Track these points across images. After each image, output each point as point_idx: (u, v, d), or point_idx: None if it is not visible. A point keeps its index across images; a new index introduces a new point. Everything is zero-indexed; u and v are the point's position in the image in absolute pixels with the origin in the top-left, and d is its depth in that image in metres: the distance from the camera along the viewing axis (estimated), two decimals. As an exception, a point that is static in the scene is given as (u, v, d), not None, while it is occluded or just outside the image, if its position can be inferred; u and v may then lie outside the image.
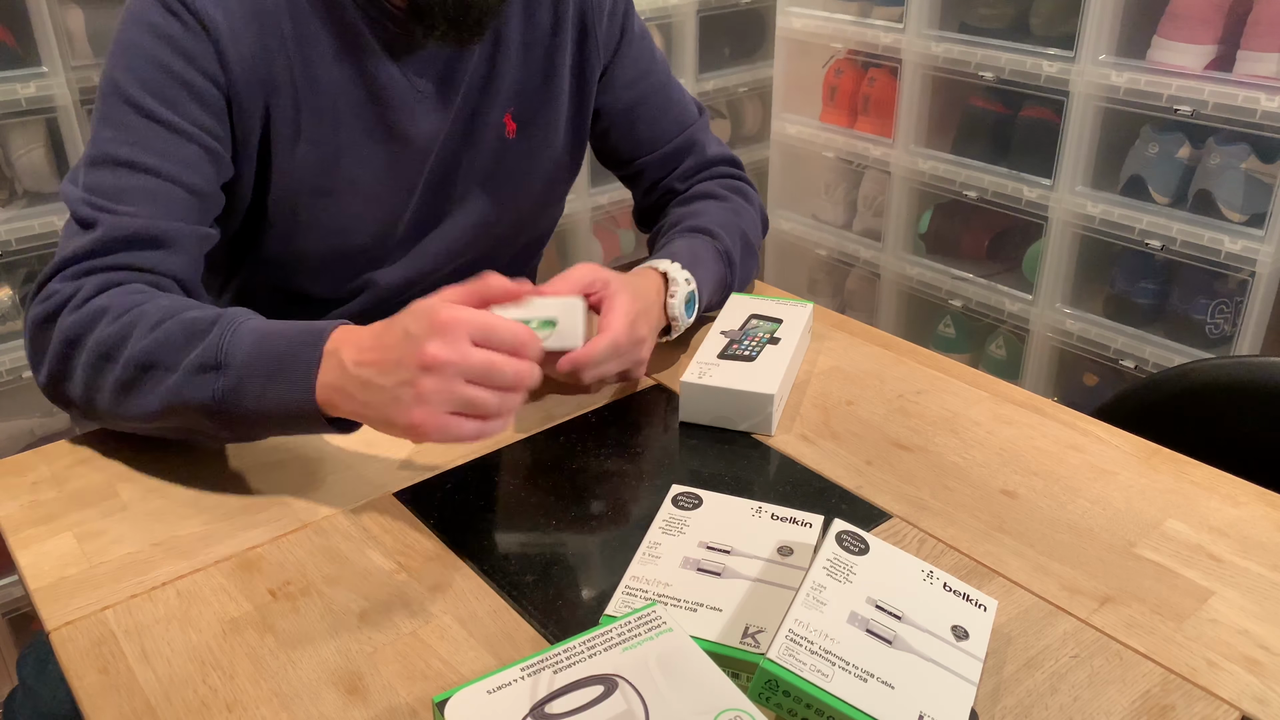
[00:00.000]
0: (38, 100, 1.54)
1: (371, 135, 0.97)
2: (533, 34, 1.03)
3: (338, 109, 0.95)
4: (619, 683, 0.56)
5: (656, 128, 1.13)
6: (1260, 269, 1.71)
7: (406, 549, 0.75)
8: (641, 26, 1.13)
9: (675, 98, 1.15)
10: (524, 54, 1.03)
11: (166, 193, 0.86)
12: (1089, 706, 0.62)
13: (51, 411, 1.71)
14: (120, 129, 0.86)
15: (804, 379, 0.97)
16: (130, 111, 0.86)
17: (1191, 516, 0.78)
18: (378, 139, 0.97)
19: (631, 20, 1.11)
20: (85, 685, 0.63)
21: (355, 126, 0.96)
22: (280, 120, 0.93)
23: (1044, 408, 0.92)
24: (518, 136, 1.05)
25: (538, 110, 1.06)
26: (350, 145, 0.96)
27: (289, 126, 0.93)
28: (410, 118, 0.98)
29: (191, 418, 0.77)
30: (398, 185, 1.00)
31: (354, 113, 0.96)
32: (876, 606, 0.61)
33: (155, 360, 0.77)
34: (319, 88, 0.94)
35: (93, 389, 0.80)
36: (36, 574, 0.73)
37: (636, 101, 1.12)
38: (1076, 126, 1.88)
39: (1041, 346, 2.07)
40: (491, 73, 1.02)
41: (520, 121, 1.05)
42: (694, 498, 0.74)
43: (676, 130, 1.14)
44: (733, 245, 1.05)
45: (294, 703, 0.62)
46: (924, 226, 2.24)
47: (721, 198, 1.12)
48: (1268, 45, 1.66)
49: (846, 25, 2.23)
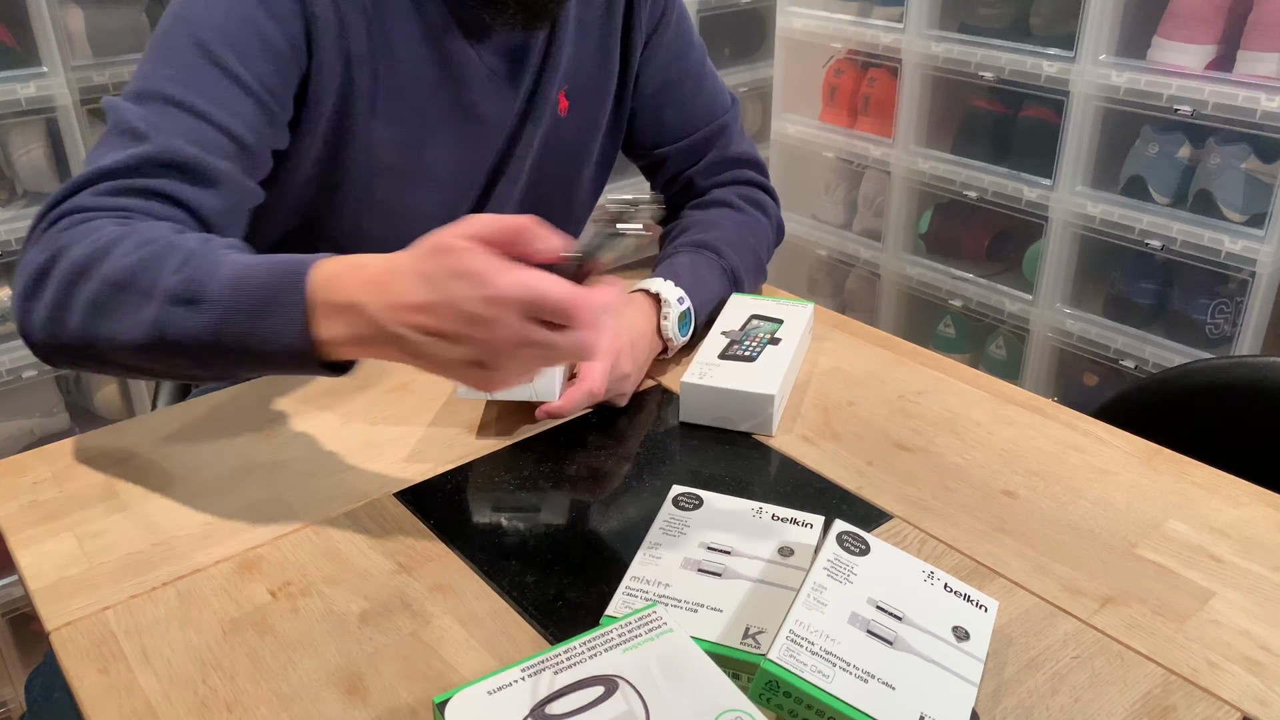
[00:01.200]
0: (38, 100, 1.53)
1: (449, 117, 0.97)
2: (588, 13, 1.03)
3: (417, 88, 0.94)
4: (619, 683, 0.56)
5: (684, 115, 1.11)
6: (1260, 269, 1.71)
7: (406, 549, 0.75)
8: (683, 9, 1.11)
9: (708, 86, 1.12)
10: (579, 33, 1.03)
11: (214, 139, 0.82)
12: (1090, 707, 0.62)
13: (51, 411, 1.71)
14: (180, 68, 0.82)
15: (804, 379, 0.96)
16: (196, 54, 0.82)
17: (1192, 517, 0.78)
18: (455, 121, 0.97)
19: (674, 2, 1.09)
20: (85, 685, 0.63)
21: (433, 107, 0.95)
22: (359, 94, 0.91)
23: (1044, 408, 0.92)
24: (569, 115, 1.05)
25: (589, 90, 1.06)
26: (429, 127, 0.96)
27: (367, 101, 0.91)
28: (485, 99, 0.98)
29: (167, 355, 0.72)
30: (470, 169, 1.00)
31: (432, 92, 0.95)
32: (877, 607, 0.61)
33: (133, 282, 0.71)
34: (398, 65, 0.92)
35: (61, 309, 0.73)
36: (36, 574, 0.73)
37: (667, 86, 1.10)
38: (1076, 126, 1.88)
39: (1041, 346, 2.07)
40: (550, 50, 1.01)
41: (572, 100, 1.05)
42: (694, 498, 0.74)
43: (705, 120, 1.12)
44: (739, 262, 1.05)
45: (294, 703, 0.62)
46: (924, 226, 2.24)
47: (738, 209, 1.10)
48: (1268, 45, 1.66)
49: (846, 25, 2.23)
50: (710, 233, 1.05)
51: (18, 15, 1.50)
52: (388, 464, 0.84)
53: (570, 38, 1.02)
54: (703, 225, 1.07)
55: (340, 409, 0.92)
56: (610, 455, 0.86)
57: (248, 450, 0.86)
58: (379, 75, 0.92)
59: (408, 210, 0.98)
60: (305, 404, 0.93)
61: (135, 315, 0.71)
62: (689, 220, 1.09)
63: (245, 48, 0.83)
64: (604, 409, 0.92)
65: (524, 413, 0.91)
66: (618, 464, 0.85)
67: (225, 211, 0.83)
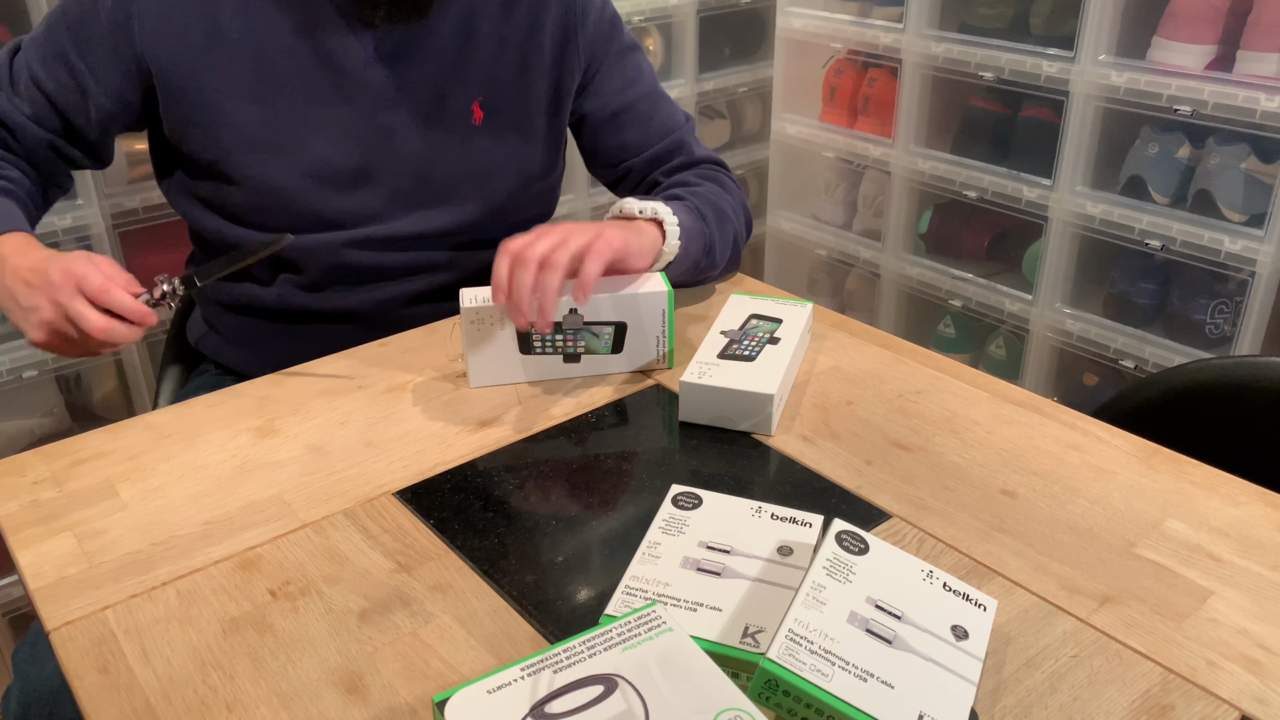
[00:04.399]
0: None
1: (320, 97, 1.04)
2: (508, 30, 1.09)
3: (286, 71, 1.02)
4: (619, 682, 0.56)
5: (644, 131, 1.17)
6: (1260, 269, 1.71)
7: (406, 549, 0.75)
8: (631, 40, 1.17)
9: (664, 105, 1.19)
10: (498, 47, 1.09)
11: (33, 96, 1.04)
12: (1089, 706, 0.62)
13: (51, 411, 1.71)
14: (41, 33, 1.05)
15: (804, 379, 0.97)
16: (48, 26, 1.04)
17: (1191, 516, 0.78)
18: (326, 101, 1.04)
19: (619, 33, 1.16)
20: (85, 685, 0.64)
21: (304, 88, 1.03)
22: (220, 78, 1.02)
23: (1044, 408, 0.92)
24: (485, 124, 1.10)
25: (508, 103, 1.11)
26: (299, 106, 1.03)
27: (230, 84, 1.02)
28: (360, 82, 1.05)
29: None
30: (351, 148, 1.05)
31: (302, 75, 1.03)
32: (876, 606, 0.61)
33: None
34: (266, 50, 1.02)
35: None
36: (36, 574, 0.73)
37: (624, 107, 1.16)
38: (1076, 126, 1.88)
39: (1041, 346, 2.07)
40: (462, 60, 1.08)
41: (488, 111, 1.10)
42: (694, 498, 0.74)
43: (663, 134, 1.17)
44: (704, 206, 1.08)
45: (294, 703, 0.62)
46: (924, 226, 2.24)
47: (696, 183, 1.15)
48: (1268, 45, 1.66)
49: (846, 25, 2.23)
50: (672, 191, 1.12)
51: (18, 15, 1.50)
52: (388, 464, 0.84)
53: (487, 53, 1.08)
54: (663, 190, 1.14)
55: (340, 409, 0.92)
56: (610, 455, 0.86)
57: (248, 450, 0.86)
58: (247, 60, 1.02)
59: (276, 185, 1.05)
60: (305, 404, 0.93)
61: None
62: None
63: (78, 31, 1.02)
64: (604, 409, 0.92)
65: (524, 411, 0.91)
66: (617, 463, 0.85)
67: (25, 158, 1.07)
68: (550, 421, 0.90)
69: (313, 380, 0.97)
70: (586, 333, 0.94)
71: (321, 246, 1.08)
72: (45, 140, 1.06)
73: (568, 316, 0.93)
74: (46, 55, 1.04)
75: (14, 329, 0.97)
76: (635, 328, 0.95)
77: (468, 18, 1.08)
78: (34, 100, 1.04)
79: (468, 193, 1.11)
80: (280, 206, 1.06)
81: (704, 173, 1.18)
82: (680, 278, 1.05)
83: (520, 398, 0.94)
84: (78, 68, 1.03)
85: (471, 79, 1.08)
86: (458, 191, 1.10)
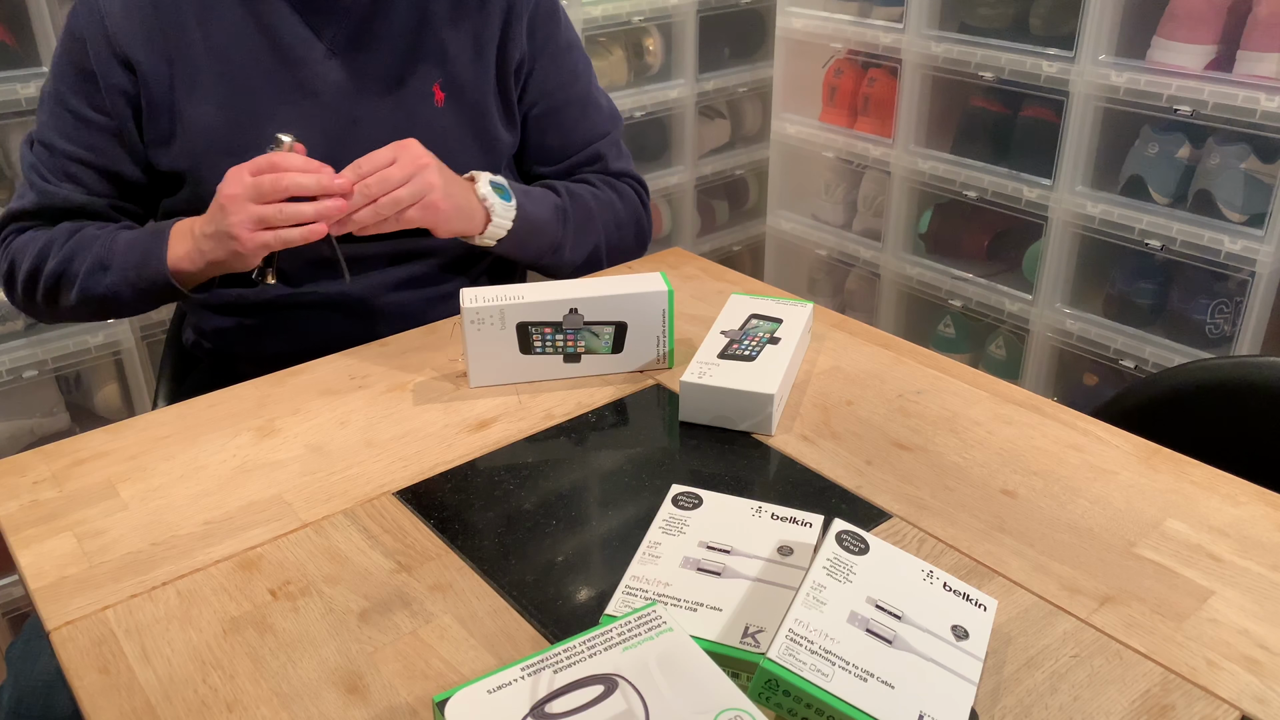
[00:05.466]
0: (37, 100, 1.53)
1: (281, 93, 1.05)
2: (460, 10, 1.11)
3: (245, 71, 1.04)
4: (619, 682, 0.56)
5: (565, 140, 1.19)
6: (1260, 269, 1.71)
7: (406, 549, 0.75)
8: (570, 38, 1.18)
9: (591, 113, 1.20)
10: (452, 27, 1.10)
11: (79, 172, 1.06)
12: (1089, 706, 0.62)
13: (51, 411, 1.71)
14: (45, 113, 1.06)
15: (804, 379, 0.97)
16: (51, 100, 1.06)
17: (1191, 516, 0.78)
18: (287, 97, 1.05)
19: (559, 27, 1.16)
20: (85, 685, 0.64)
21: (263, 87, 1.05)
22: (183, 84, 1.03)
23: (1044, 408, 0.92)
24: (447, 105, 1.11)
25: (467, 82, 1.12)
26: (259, 105, 1.04)
27: (192, 89, 1.03)
28: (318, 74, 1.06)
29: (99, 305, 1.06)
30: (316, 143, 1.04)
31: (261, 73, 1.04)
32: (876, 606, 0.61)
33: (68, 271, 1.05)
34: (223, 51, 1.03)
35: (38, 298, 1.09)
36: (36, 574, 0.73)
37: (552, 110, 1.17)
38: (1076, 126, 1.88)
39: (1041, 346, 2.07)
40: (417, 43, 1.09)
41: (449, 92, 1.11)
42: (694, 497, 0.74)
43: (583, 145, 1.19)
44: (571, 207, 1.12)
45: (294, 702, 0.62)
46: (924, 226, 2.24)
47: (592, 184, 1.18)
48: (1268, 45, 1.66)
49: (846, 25, 2.23)
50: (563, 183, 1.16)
51: (18, 15, 1.50)
52: (388, 464, 0.84)
53: (442, 35, 1.10)
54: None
55: (340, 409, 0.92)
56: (610, 454, 0.86)
57: (248, 450, 0.86)
58: (206, 63, 1.04)
59: None
60: (305, 404, 0.93)
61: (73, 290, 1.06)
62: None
63: (77, 85, 1.05)
64: (604, 409, 0.92)
65: (524, 411, 0.91)
66: (617, 463, 0.85)
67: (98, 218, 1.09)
68: (550, 421, 0.90)
69: (313, 380, 0.97)
70: (587, 332, 0.94)
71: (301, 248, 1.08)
72: (109, 206, 1.09)
73: (568, 316, 0.93)
74: (66, 129, 1.05)
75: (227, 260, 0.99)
76: (635, 327, 0.95)
77: (421, 2, 1.09)
78: (79, 177, 1.06)
79: None
80: None
81: (609, 180, 1.20)
82: (518, 258, 1.12)
83: (520, 398, 0.94)
84: (100, 120, 1.05)
85: (429, 62, 1.10)
86: None
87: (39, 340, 1.61)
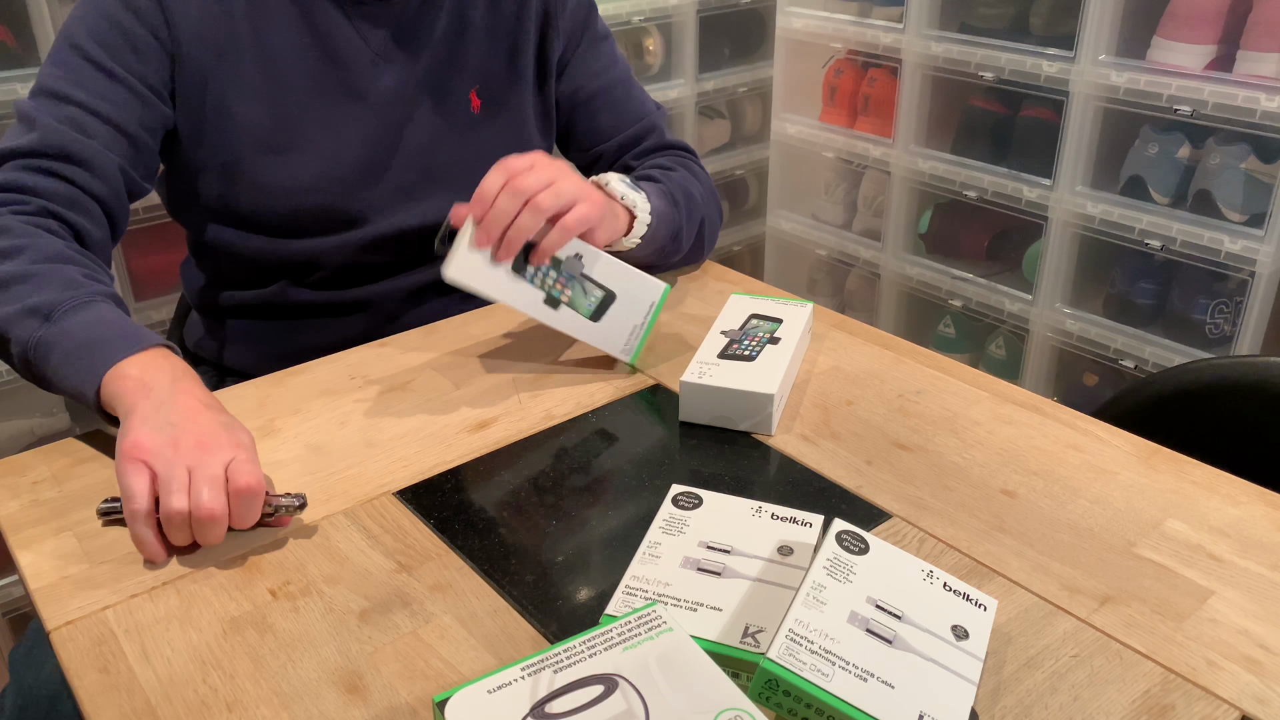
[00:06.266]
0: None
1: (328, 95, 1.04)
2: (497, 19, 1.11)
3: (293, 71, 1.02)
4: (619, 682, 0.56)
5: (618, 116, 1.19)
6: (1260, 269, 1.71)
7: (406, 549, 0.75)
8: (605, 29, 1.20)
9: (635, 93, 1.21)
10: (489, 37, 1.11)
11: (93, 125, 0.96)
12: (1089, 706, 0.62)
13: (51, 411, 1.71)
14: (60, 66, 0.97)
15: (804, 379, 0.97)
16: (73, 54, 0.98)
17: (1191, 516, 0.78)
18: (334, 99, 1.05)
19: (594, 20, 1.18)
20: (85, 685, 0.63)
21: (311, 87, 1.03)
22: (229, 80, 1.01)
23: (1044, 408, 0.92)
24: (483, 113, 1.12)
25: (503, 91, 1.13)
26: (306, 105, 1.03)
27: (238, 86, 1.01)
28: (367, 77, 1.06)
29: (4, 347, 0.85)
30: (359, 145, 1.05)
31: (309, 74, 1.03)
32: (876, 606, 0.61)
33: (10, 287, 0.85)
34: (272, 50, 1.02)
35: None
36: (36, 574, 0.73)
37: (599, 91, 1.18)
38: (1076, 126, 1.88)
39: (1041, 346, 2.07)
40: (457, 52, 1.10)
41: (485, 99, 1.12)
42: (694, 497, 0.74)
43: (636, 118, 1.20)
44: (677, 192, 1.10)
45: (294, 702, 0.62)
46: (924, 226, 2.24)
47: (670, 168, 1.17)
48: (1268, 45, 1.66)
49: (846, 25, 2.23)
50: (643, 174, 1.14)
51: (18, 15, 1.50)
52: (388, 464, 0.84)
53: (479, 43, 1.10)
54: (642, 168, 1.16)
55: (340, 409, 0.92)
56: (610, 454, 0.86)
57: (248, 450, 0.86)
58: (252, 59, 1.01)
59: (278, 184, 1.05)
60: (305, 404, 0.93)
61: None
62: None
63: (112, 42, 0.97)
64: (604, 409, 0.92)
65: (524, 411, 0.91)
66: (617, 463, 0.85)
67: (107, 191, 0.97)
68: (550, 421, 0.90)
69: (313, 380, 0.97)
70: (578, 284, 0.93)
71: (333, 246, 1.09)
72: (117, 166, 0.98)
73: (569, 260, 0.92)
74: (84, 79, 0.97)
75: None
76: (621, 306, 0.94)
77: (460, 9, 1.10)
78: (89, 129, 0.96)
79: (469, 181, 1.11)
80: (292, 208, 1.06)
81: (676, 158, 1.20)
82: (644, 259, 1.05)
83: (520, 397, 0.94)
84: (131, 80, 0.98)
85: (467, 69, 1.10)
86: (459, 181, 1.11)
87: (39, 340, 1.61)
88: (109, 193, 0.97)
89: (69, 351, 0.81)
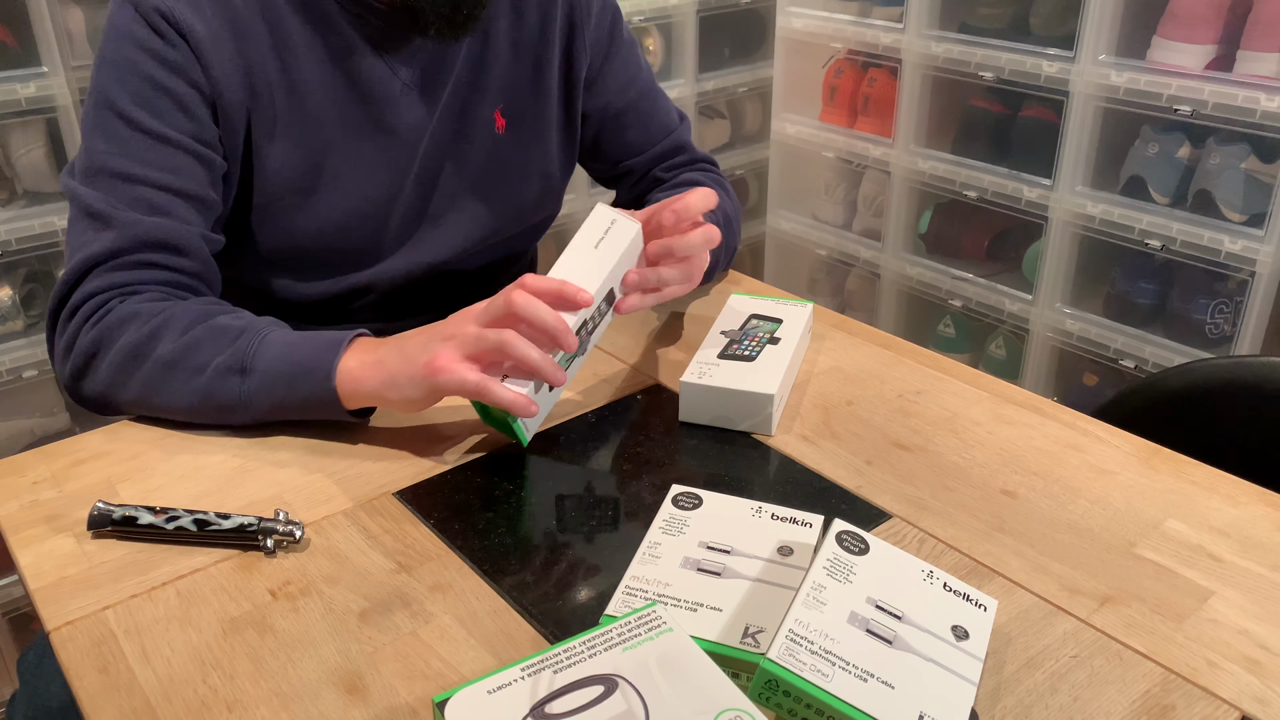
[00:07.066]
0: (38, 100, 1.54)
1: (358, 131, 1.00)
2: (521, 34, 1.07)
3: (325, 107, 0.98)
4: (619, 683, 0.56)
5: (645, 131, 1.18)
6: (1260, 269, 1.71)
7: (406, 549, 0.75)
8: (629, 35, 1.17)
9: (661, 104, 1.20)
10: (512, 53, 1.07)
11: (165, 201, 0.90)
12: (1089, 706, 0.62)
13: (51, 411, 1.71)
14: (113, 141, 0.90)
15: (804, 379, 0.97)
16: (120, 124, 0.90)
17: (1191, 516, 0.78)
18: (364, 134, 1.00)
19: (620, 28, 1.15)
20: (85, 685, 0.63)
21: (339, 124, 0.99)
22: (261, 122, 0.96)
23: (1044, 408, 0.92)
24: (507, 132, 1.08)
25: (527, 107, 1.09)
26: (335, 142, 0.99)
27: (270, 127, 0.96)
28: (396, 111, 1.01)
29: (216, 412, 0.86)
30: (387, 179, 1.02)
31: (338, 110, 0.98)
32: (877, 606, 0.61)
33: (184, 361, 0.85)
34: (300, 88, 0.96)
35: (117, 386, 0.87)
36: (36, 574, 0.73)
37: (627, 106, 1.16)
38: (1076, 126, 1.88)
39: (1041, 346, 2.07)
40: (480, 69, 1.05)
41: (509, 118, 1.08)
42: (694, 498, 0.74)
43: (663, 133, 1.18)
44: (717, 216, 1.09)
45: (294, 703, 0.62)
46: (924, 226, 2.24)
47: (704, 183, 1.16)
48: (1268, 45, 1.66)
49: (846, 25, 2.23)
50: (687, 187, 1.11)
51: (18, 15, 1.50)
52: (388, 464, 0.84)
53: (502, 59, 1.06)
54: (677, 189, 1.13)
55: (340, 409, 0.92)
56: (610, 455, 0.86)
57: (248, 450, 0.86)
58: (282, 101, 0.96)
59: (322, 222, 1.00)
60: (305, 404, 0.93)
61: (186, 386, 0.85)
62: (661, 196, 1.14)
63: (159, 105, 0.90)
64: (604, 409, 0.92)
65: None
66: (618, 463, 0.85)
67: (200, 266, 0.93)
68: (550, 421, 0.90)
69: (313, 380, 0.97)
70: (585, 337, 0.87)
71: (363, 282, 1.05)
72: (199, 236, 0.93)
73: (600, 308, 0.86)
74: (141, 152, 0.90)
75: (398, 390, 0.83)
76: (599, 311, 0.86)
77: (482, 27, 1.04)
78: (165, 208, 0.91)
79: (494, 202, 1.09)
80: (322, 247, 1.02)
81: (705, 173, 1.19)
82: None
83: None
84: (187, 142, 0.91)
85: (491, 89, 1.06)
86: (484, 202, 1.09)
87: (39, 340, 1.61)
88: (200, 266, 0.93)
89: (285, 389, 0.84)
